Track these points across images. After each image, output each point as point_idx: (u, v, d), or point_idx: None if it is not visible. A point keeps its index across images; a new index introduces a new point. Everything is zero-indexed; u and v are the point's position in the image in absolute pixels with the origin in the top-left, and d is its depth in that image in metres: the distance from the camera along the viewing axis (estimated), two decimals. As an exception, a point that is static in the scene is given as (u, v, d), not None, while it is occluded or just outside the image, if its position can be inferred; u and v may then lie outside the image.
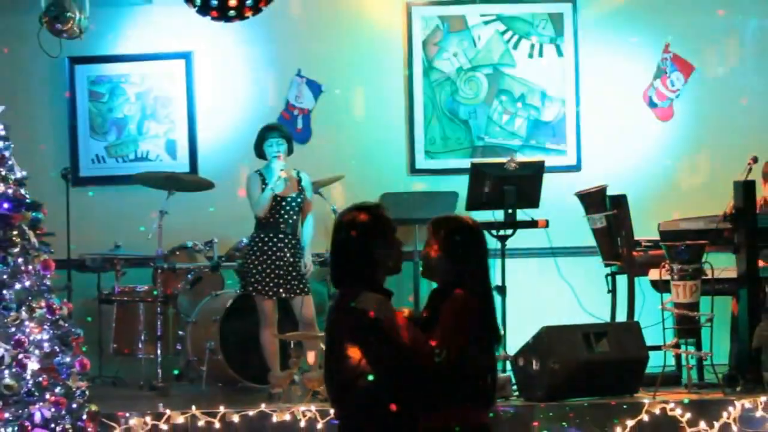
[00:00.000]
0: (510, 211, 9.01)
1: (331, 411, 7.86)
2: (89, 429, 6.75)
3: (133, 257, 10.13)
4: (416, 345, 5.10)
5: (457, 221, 5.48)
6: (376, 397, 5.05)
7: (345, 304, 5.17)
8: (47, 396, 6.53)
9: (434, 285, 5.52)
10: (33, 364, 6.52)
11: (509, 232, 9.03)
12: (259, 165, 9.04)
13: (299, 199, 8.97)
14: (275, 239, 8.90)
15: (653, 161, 10.73)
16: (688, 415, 7.95)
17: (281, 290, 8.87)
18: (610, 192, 9.48)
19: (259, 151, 9.01)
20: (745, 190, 8.65)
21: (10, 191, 6.66)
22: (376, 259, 5.24)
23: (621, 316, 9.39)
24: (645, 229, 9.40)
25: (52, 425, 6.52)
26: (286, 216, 8.93)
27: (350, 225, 5.29)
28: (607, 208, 9.39)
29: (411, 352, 5.09)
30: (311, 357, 8.86)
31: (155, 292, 9.62)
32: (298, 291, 8.90)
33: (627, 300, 9.32)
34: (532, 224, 9.15)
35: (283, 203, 8.92)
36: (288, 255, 8.89)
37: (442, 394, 5.16)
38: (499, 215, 9.03)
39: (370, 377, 5.04)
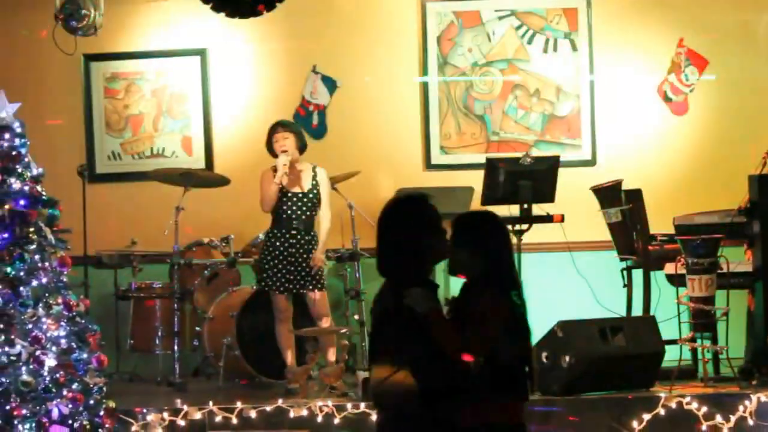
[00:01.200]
0: (525, 205, 9.00)
1: (348, 405, 7.92)
2: (107, 425, 6.76)
3: (149, 253, 10.16)
4: (456, 342, 5.15)
5: (478, 216, 5.56)
6: (415, 394, 5.09)
7: (394, 299, 5.19)
8: (64, 392, 6.53)
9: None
10: (50, 361, 6.52)
11: (525, 227, 9.03)
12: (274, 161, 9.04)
13: (311, 195, 8.95)
14: (287, 235, 8.88)
15: (668, 155, 10.72)
16: (704, 409, 7.94)
17: (292, 286, 8.86)
18: (625, 186, 9.47)
19: (271, 150, 9.01)
20: (761, 184, 8.63)
21: (26, 188, 6.66)
22: (425, 248, 5.27)
23: (637, 311, 9.37)
24: (660, 223, 9.40)
25: (70, 421, 6.53)
26: (299, 212, 8.90)
27: (399, 215, 5.34)
28: (622, 203, 9.39)
29: (451, 349, 5.14)
30: (331, 354, 8.88)
31: (172, 289, 9.64)
32: (310, 287, 8.88)
33: (643, 294, 9.30)
34: (548, 219, 9.15)
35: (294, 199, 8.91)
36: (301, 251, 8.87)
37: (477, 389, 5.19)
38: (514, 210, 9.01)
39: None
